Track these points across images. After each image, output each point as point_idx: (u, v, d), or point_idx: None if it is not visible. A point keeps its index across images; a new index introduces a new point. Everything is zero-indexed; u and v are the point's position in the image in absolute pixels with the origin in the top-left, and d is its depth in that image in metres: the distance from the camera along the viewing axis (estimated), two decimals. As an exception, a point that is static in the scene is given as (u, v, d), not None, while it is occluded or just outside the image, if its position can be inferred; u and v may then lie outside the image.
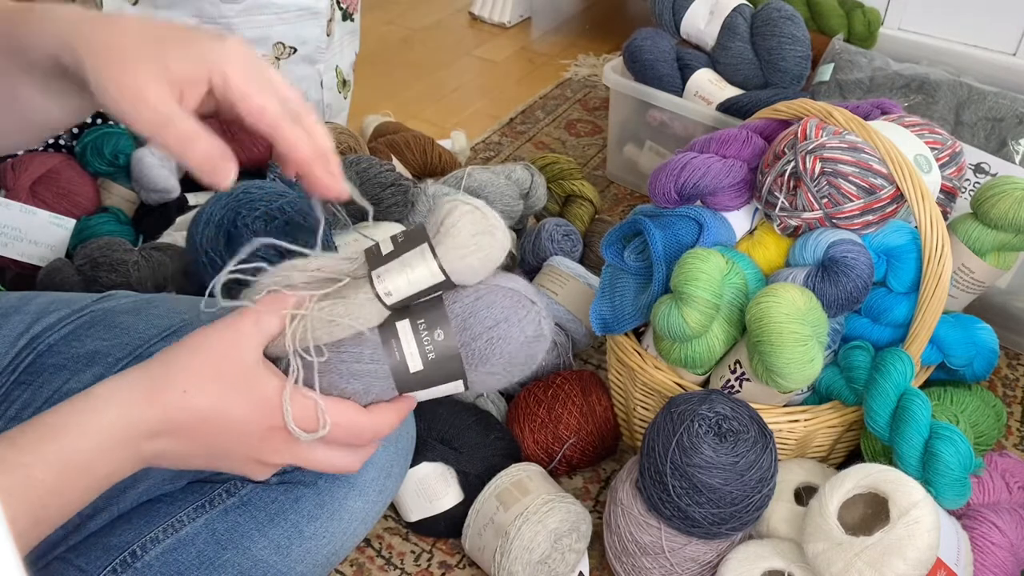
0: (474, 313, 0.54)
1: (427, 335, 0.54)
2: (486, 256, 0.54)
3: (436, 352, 0.54)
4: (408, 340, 0.54)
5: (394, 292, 0.53)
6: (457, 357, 0.54)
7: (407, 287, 0.53)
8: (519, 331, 0.55)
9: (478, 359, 0.54)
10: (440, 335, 0.54)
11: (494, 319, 0.54)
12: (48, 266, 1.02)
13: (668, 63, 1.31)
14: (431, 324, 0.54)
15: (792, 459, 0.85)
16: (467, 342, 0.54)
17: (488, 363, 0.55)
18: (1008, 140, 1.10)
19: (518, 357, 0.56)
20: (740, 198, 0.87)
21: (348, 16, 1.41)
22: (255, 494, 0.67)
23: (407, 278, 0.53)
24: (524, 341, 0.55)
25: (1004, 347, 1.10)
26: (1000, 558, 0.75)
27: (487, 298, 0.55)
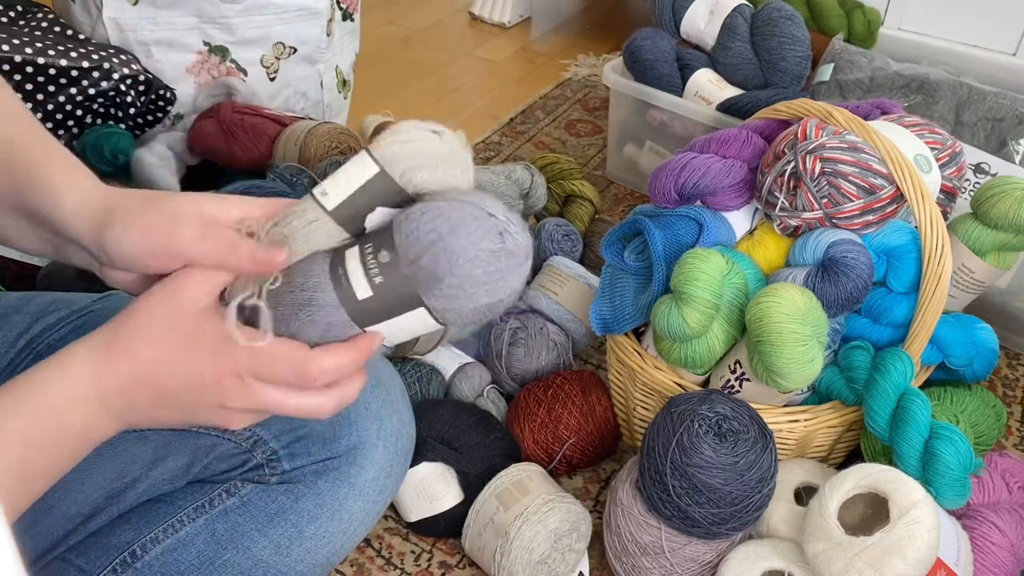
0: (418, 227, 0.49)
1: (372, 258, 0.50)
2: (421, 146, 0.51)
3: (383, 275, 0.50)
4: (354, 266, 0.50)
5: (330, 190, 0.51)
6: (406, 278, 0.49)
7: (344, 180, 0.51)
8: (470, 243, 0.49)
9: (429, 279, 0.49)
10: (385, 256, 0.50)
11: (438, 232, 0.49)
12: (48, 266, 1.02)
13: (668, 63, 1.31)
14: (377, 246, 0.50)
15: (792, 459, 0.85)
16: (412, 260, 0.49)
17: (441, 283, 0.49)
18: (1008, 140, 1.10)
19: (475, 275, 0.49)
20: (740, 198, 0.87)
21: (348, 16, 1.41)
22: (255, 494, 0.67)
23: (344, 172, 0.51)
24: (479, 255, 0.49)
25: (1004, 347, 1.10)
26: (1000, 558, 0.75)
27: (432, 211, 0.50)
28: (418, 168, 0.51)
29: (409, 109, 1.69)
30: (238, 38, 1.27)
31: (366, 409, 0.70)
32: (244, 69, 1.30)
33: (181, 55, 1.26)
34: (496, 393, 0.99)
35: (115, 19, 1.21)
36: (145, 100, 1.23)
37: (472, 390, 0.98)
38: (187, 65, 1.28)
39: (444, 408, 0.90)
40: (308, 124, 1.22)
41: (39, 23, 1.22)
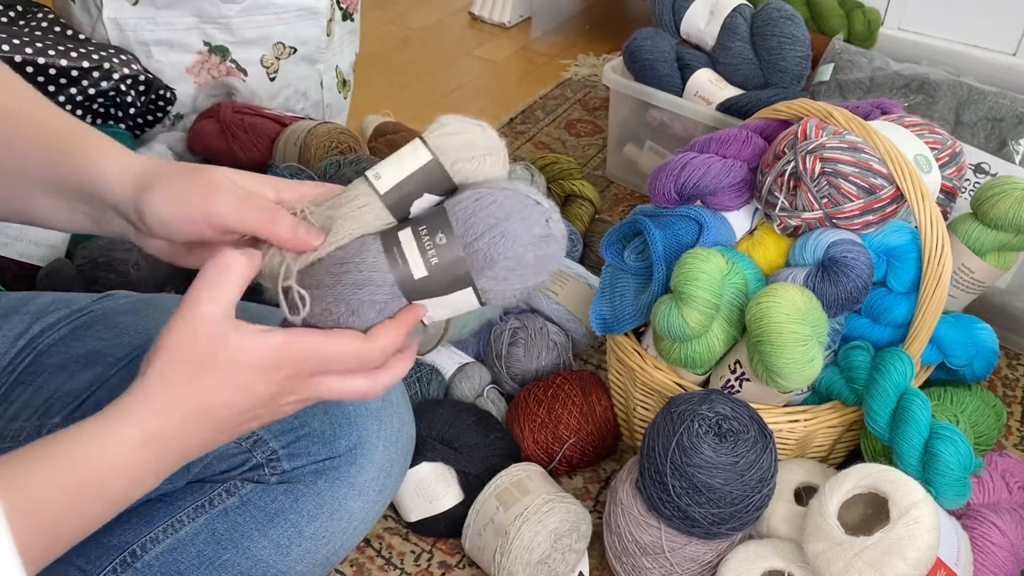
0: (475, 213, 0.52)
1: (429, 240, 0.53)
2: (470, 138, 0.54)
3: (439, 256, 0.53)
4: (410, 246, 0.53)
5: (383, 174, 0.53)
6: (461, 260, 0.52)
7: (396, 166, 0.53)
8: (524, 229, 0.53)
9: (484, 261, 0.53)
10: (442, 238, 0.52)
11: (495, 217, 0.52)
12: (48, 266, 1.02)
13: (668, 63, 1.31)
14: (432, 229, 0.53)
15: (792, 459, 0.85)
16: (470, 243, 0.52)
17: (495, 265, 0.53)
18: (1008, 140, 1.10)
19: (526, 258, 0.53)
20: (740, 198, 0.87)
21: (348, 16, 1.41)
22: (255, 494, 0.67)
23: (396, 158, 0.53)
24: (531, 240, 0.53)
25: (1004, 347, 1.10)
26: (1000, 558, 0.75)
27: (487, 198, 0.53)
28: (466, 159, 0.54)
29: (409, 109, 1.69)
30: (238, 38, 1.27)
31: (366, 409, 0.70)
32: (244, 69, 1.30)
33: (181, 55, 1.26)
34: (496, 393, 0.99)
35: (115, 19, 1.21)
36: (145, 100, 1.23)
37: (472, 390, 0.98)
38: (187, 65, 1.28)
39: (444, 408, 0.90)
40: (308, 124, 1.22)
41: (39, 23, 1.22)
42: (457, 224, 0.52)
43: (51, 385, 0.67)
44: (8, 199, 0.58)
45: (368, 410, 0.70)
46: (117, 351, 0.68)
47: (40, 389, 0.67)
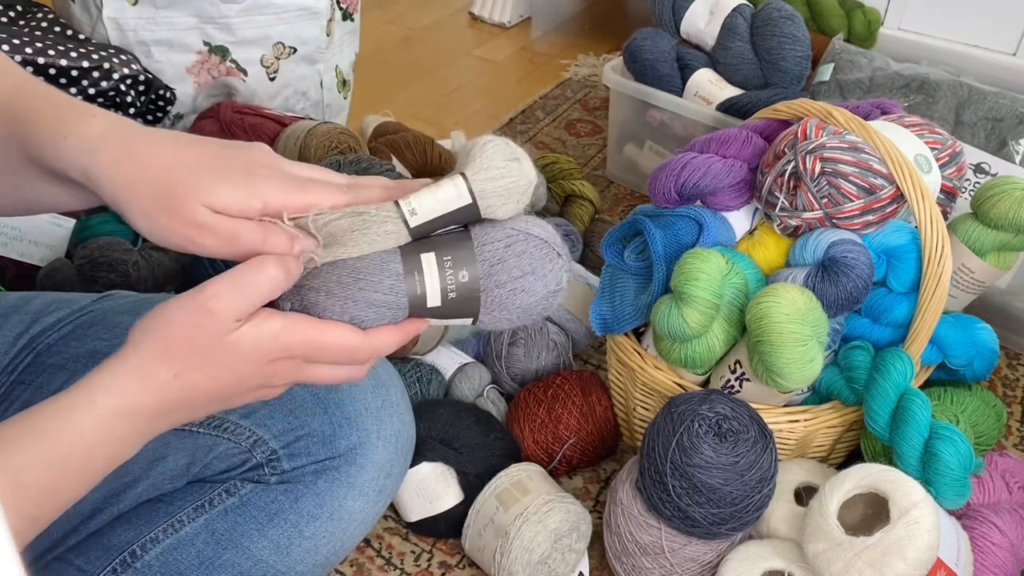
0: (503, 260, 0.53)
1: (451, 274, 0.53)
2: (513, 182, 0.53)
3: (458, 292, 0.53)
4: (432, 275, 0.53)
5: (419, 211, 0.52)
6: (477, 300, 0.54)
7: (433, 205, 0.52)
8: (543, 285, 0.54)
9: (497, 305, 0.54)
10: (465, 276, 0.53)
11: (521, 270, 0.54)
12: (48, 266, 1.02)
13: (668, 63, 1.31)
14: (457, 263, 0.53)
15: (792, 459, 0.85)
16: (490, 288, 0.54)
17: (505, 310, 0.54)
18: (1008, 140, 1.10)
19: (535, 308, 0.55)
20: (740, 198, 0.87)
21: (348, 16, 1.41)
22: (255, 494, 0.67)
23: (434, 196, 0.52)
24: (545, 295, 0.55)
25: (1004, 347, 1.10)
26: (1000, 558, 0.75)
27: (517, 247, 0.54)
28: (504, 204, 0.54)
29: (409, 109, 1.69)
30: (238, 38, 1.27)
31: (366, 409, 0.70)
32: (244, 69, 1.30)
33: (181, 55, 1.26)
34: (496, 393, 0.99)
35: (115, 19, 1.21)
36: (145, 100, 1.23)
37: (472, 390, 0.98)
38: (187, 65, 1.27)
39: (444, 408, 0.90)
40: (308, 124, 1.22)
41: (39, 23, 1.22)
42: (482, 266, 0.53)
43: (51, 385, 0.67)
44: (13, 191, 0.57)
45: (368, 410, 0.70)
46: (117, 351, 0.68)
47: (40, 389, 0.67)
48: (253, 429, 0.67)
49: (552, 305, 0.56)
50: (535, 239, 0.55)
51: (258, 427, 0.67)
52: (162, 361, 0.48)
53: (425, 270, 0.53)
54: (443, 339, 1.01)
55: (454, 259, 0.53)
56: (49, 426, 0.46)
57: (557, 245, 0.56)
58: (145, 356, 0.48)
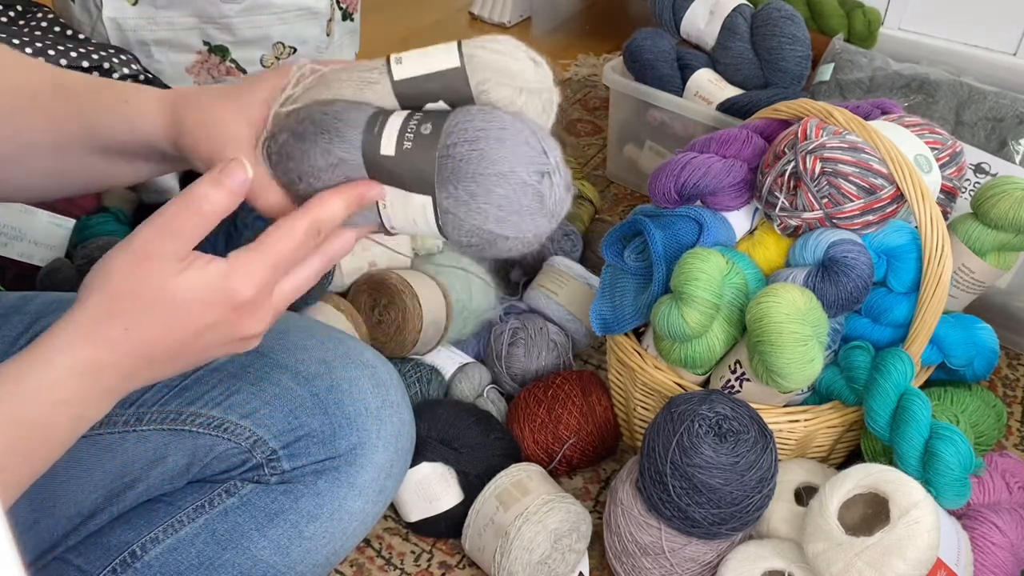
0: (470, 120, 0.47)
1: (414, 126, 0.48)
2: (512, 66, 0.49)
3: (414, 144, 0.48)
4: (393, 124, 0.49)
5: (405, 61, 0.49)
6: (432, 159, 0.47)
7: (420, 59, 0.49)
8: (508, 158, 0.46)
9: (451, 172, 0.47)
10: (427, 128, 0.48)
11: (486, 132, 0.47)
12: (48, 266, 1.02)
13: (668, 63, 1.31)
14: (425, 119, 0.49)
15: (792, 459, 0.85)
16: (448, 145, 0.47)
17: (460, 181, 0.47)
18: (1008, 140, 1.10)
19: (495, 192, 0.47)
20: (740, 198, 0.87)
21: (348, 16, 1.41)
22: (255, 494, 0.67)
23: (423, 52, 0.49)
24: (509, 177, 0.46)
25: (1004, 347, 1.10)
26: (1000, 558, 0.75)
27: (493, 115, 0.48)
28: (498, 85, 0.49)
29: (409, 109, 1.69)
30: (238, 38, 1.27)
31: (366, 409, 0.70)
32: (244, 69, 1.30)
33: (181, 55, 1.26)
34: (496, 393, 0.99)
35: (115, 19, 1.21)
36: (145, 100, 1.23)
37: (472, 390, 0.98)
38: (187, 65, 1.27)
39: (444, 408, 0.90)
40: (308, 124, 1.22)
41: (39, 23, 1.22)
42: (448, 123, 0.48)
43: (51, 385, 0.67)
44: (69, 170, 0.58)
45: (368, 410, 0.70)
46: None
47: (40, 389, 0.67)
48: (253, 429, 0.67)
49: (526, 207, 0.47)
50: (521, 122, 0.48)
51: (258, 427, 0.67)
52: (109, 316, 0.47)
53: (390, 119, 0.49)
54: (443, 339, 1.01)
55: (423, 116, 0.49)
56: (4, 387, 0.46)
57: (549, 146, 0.48)
58: (92, 313, 0.47)
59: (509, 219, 0.48)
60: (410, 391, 0.95)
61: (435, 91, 0.49)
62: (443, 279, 1.01)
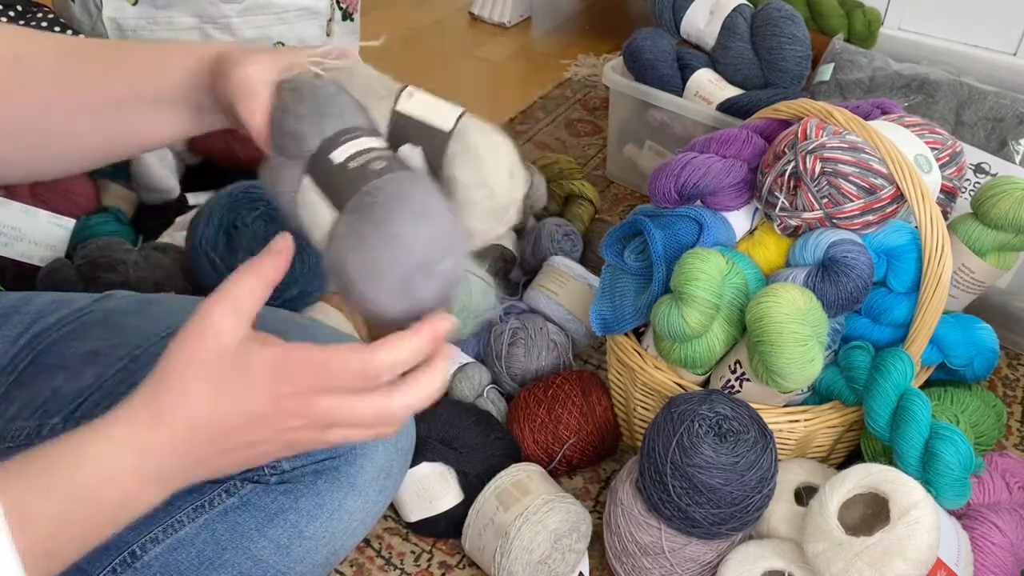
0: (408, 182, 0.47)
1: (373, 156, 0.48)
2: (488, 156, 0.49)
3: (359, 167, 0.49)
4: (361, 143, 0.49)
5: (415, 97, 0.50)
6: (358, 188, 0.48)
7: (424, 106, 0.50)
8: (409, 236, 0.45)
9: (363, 208, 0.47)
10: (378, 165, 0.48)
11: (411, 201, 0.46)
12: (48, 266, 1.02)
13: (668, 63, 1.31)
14: (383, 158, 0.49)
15: (792, 459, 0.85)
16: (377, 188, 0.47)
17: (363, 222, 0.47)
18: (1008, 140, 1.10)
19: (380, 258, 0.46)
20: (740, 198, 0.87)
21: (348, 16, 1.41)
22: (255, 494, 0.67)
23: (432, 101, 0.51)
24: (399, 252, 0.45)
25: (1004, 347, 1.10)
26: (1000, 558, 0.75)
27: (428, 192, 0.47)
28: (465, 168, 0.50)
29: (409, 109, 1.69)
30: (238, 38, 1.27)
31: (366, 409, 0.70)
32: (244, 69, 1.30)
33: (181, 55, 1.26)
34: (496, 393, 0.99)
35: (115, 19, 1.21)
36: (145, 100, 1.23)
37: (472, 390, 0.98)
38: (187, 65, 1.27)
39: (444, 408, 0.90)
40: (308, 124, 1.22)
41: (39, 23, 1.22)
42: (392, 173, 0.48)
43: (51, 385, 0.67)
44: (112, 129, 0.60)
45: (368, 410, 0.70)
46: (117, 351, 0.68)
47: (40, 389, 0.67)
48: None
49: (391, 292, 0.46)
50: (447, 224, 0.47)
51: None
52: (176, 405, 0.48)
53: (358, 140, 0.50)
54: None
55: (384, 156, 0.49)
56: (61, 457, 0.46)
57: (452, 253, 0.46)
58: (151, 402, 0.48)
59: (372, 278, 0.47)
60: (410, 391, 0.95)
61: (419, 137, 0.51)
62: (443, 279, 1.00)
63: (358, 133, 0.51)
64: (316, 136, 0.50)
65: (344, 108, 0.51)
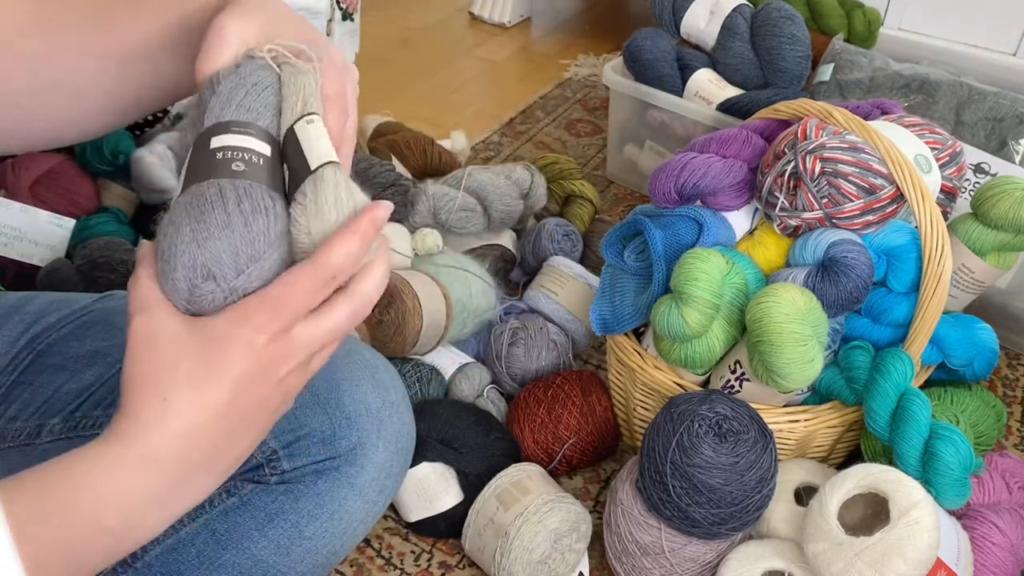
0: (222, 186, 0.47)
1: (245, 139, 0.49)
2: (328, 213, 0.48)
3: (194, 151, 0.50)
4: (244, 140, 0.49)
5: (314, 124, 0.50)
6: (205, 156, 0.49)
7: (313, 135, 0.50)
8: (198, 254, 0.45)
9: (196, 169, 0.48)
10: (244, 143, 0.49)
11: (216, 196, 0.46)
12: (48, 266, 1.02)
13: (668, 63, 1.31)
14: (249, 146, 0.49)
15: (792, 459, 0.85)
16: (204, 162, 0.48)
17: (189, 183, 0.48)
18: (1008, 140, 1.10)
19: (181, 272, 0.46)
20: (740, 198, 0.87)
21: (348, 16, 1.41)
22: (255, 494, 0.67)
23: (323, 135, 0.50)
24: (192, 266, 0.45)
25: (1004, 347, 1.10)
26: (1000, 558, 0.75)
27: (245, 192, 0.47)
28: (298, 225, 0.49)
29: (409, 109, 1.69)
30: (238, 38, 1.27)
31: (366, 409, 0.70)
32: (244, 69, 1.30)
33: (181, 55, 1.26)
34: (496, 393, 0.99)
35: (115, 19, 1.21)
36: (145, 100, 1.23)
37: (472, 390, 0.98)
38: (187, 65, 1.27)
39: (444, 408, 0.90)
40: (308, 124, 1.22)
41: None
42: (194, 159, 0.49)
43: (51, 385, 0.67)
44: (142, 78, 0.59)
45: (368, 410, 0.70)
46: (117, 351, 0.68)
47: (40, 389, 0.67)
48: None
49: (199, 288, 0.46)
50: (255, 244, 0.46)
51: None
52: (142, 393, 0.46)
53: (241, 132, 0.50)
54: (443, 339, 1.01)
55: (250, 155, 0.49)
56: (55, 476, 0.45)
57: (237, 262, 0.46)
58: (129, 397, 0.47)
59: (166, 266, 0.47)
60: (410, 391, 0.95)
61: (292, 162, 0.50)
62: (443, 279, 1.01)
63: (248, 130, 0.50)
64: (213, 116, 0.50)
65: (255, 103, 0.51)
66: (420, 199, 1.09)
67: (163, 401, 0.46)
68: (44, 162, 1.12)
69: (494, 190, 1.12)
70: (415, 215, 1.09)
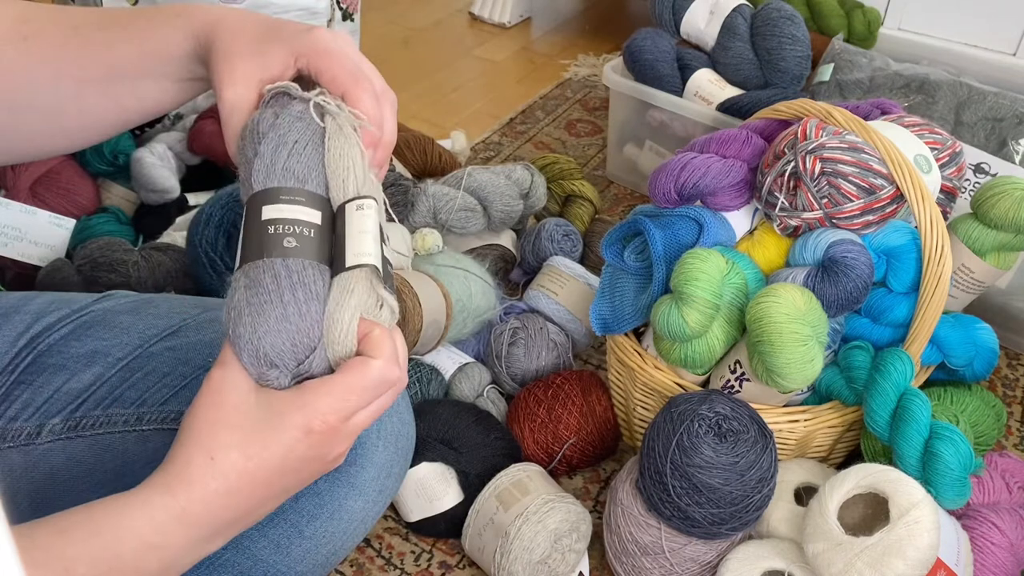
0: (274, 270, 0.48)
1: (296, 209, 0.50)
2: (344, 313, 0.49)
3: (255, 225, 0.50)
4: (294, 211, 0.50)
5: (363, 211, 0.51)
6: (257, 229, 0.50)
7: (359, 222, 0.51)
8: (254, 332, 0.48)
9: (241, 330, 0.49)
10: (295, 214, 0.50)
11: (275, 280, 0.48)
12: (48, 266, 1.02)
13: (668, 63, 1.31)
14: (300, 229, 0.50)
15: (792, 459, 0.85)
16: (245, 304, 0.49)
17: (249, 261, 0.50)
18: (1008, 140, 1.10)
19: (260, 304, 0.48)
20: (740, 198, 0.87)
21: (348, 16, 1.41)
22: (255, 494, 0.67)
23: (368, 226, 0.51)
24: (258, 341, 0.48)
25: (1004, 347, 1.10)
26: (1000, 558, 0.75)
27: (299, 276, 0.49)
28: (330, 314, 0.50)
29: (409, 109, 1.69)
30: (238, 38, 1.27)
31: (366, 409, 0.70)
32: (244, 69, 1.30)
33: (181, 55, 1.26)
34: (496, 393, 0.99)
35: (115, 19, 1.21)
36: (145, 100, 1.23)
37: (472, 390, 0.98)
38: (187, 65, 1.27)
39: (444, 408, 0.90)
40: (308, 124, 1.22)
41: (39, 23, 1.22)
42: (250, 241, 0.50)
43: (51, 385, 0.67)
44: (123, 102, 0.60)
45: (368, 410, 0.70)
46: (117, 351, 0.68)
47: (40, 389, 0.67)
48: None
49: None
50: (308, 332, 0.49)
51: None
52: (195, 452, 0.48)
53: (292, 202, 0.51)
54: (443, 339, 1.01)
55: (301, 227, 0.50)
56: (104, 521, 0.47)
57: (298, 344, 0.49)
58: (181, 470, 0.48)
59: (239, 344, 0.49)
60: (410, 391, 0.95)
61: (337, 242, 0.51)
62: (443, 279, 1.01)
63: (297, 198, 0.51)
64: (260, 180, 0.51)
65: (298, 166, 0.51)
66: (420, 199, 1.09)
67: (211, 460, 0.48)
68: (44, 162, 1.12)
69: (494, 190, 1.12)
70: (415, 215, 1.09)
